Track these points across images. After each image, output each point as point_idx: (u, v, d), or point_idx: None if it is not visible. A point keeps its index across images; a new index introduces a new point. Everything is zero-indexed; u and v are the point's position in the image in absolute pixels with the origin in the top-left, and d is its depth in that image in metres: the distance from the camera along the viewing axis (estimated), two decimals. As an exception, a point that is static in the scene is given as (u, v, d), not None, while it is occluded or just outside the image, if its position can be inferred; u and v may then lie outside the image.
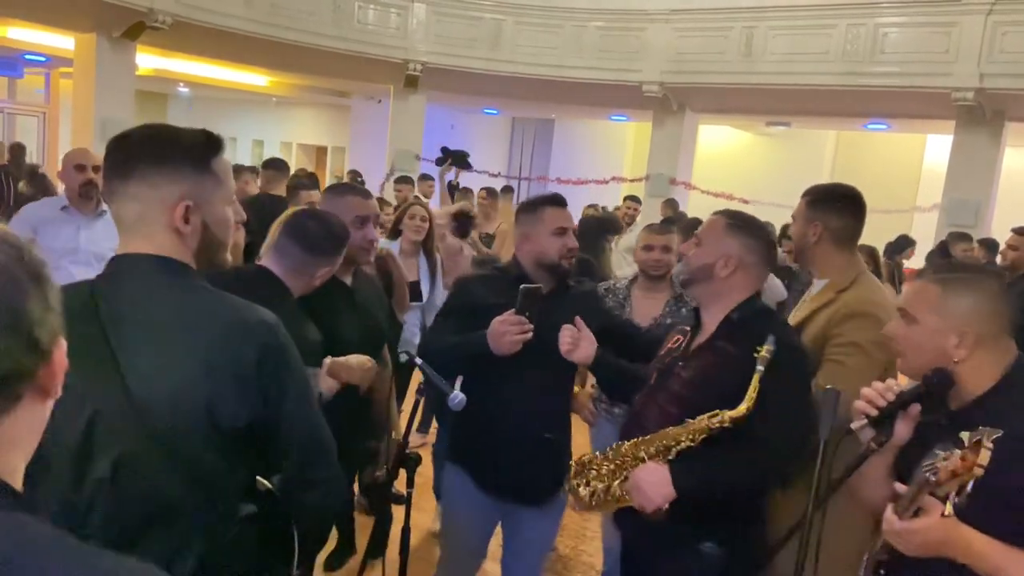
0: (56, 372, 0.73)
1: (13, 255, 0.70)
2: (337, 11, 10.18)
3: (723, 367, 1.95)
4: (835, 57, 9.22)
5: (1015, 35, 8.30)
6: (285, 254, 2.15)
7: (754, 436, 1.83)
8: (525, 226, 2.41)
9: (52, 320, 0.72)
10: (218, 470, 1.30)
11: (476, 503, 2.46)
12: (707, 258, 2.02)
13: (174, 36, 9.11)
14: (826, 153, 14.46)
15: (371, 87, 13.07)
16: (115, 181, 1.34)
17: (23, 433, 0.72)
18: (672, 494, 1.87)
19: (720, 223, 2.07)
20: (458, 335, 2.37)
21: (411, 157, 11.59)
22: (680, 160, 11.36)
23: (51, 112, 13.50)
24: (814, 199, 2.28)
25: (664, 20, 10.28)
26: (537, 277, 2.38)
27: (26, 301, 0.69)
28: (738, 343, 1.93)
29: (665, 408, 2.01)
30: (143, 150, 1.34)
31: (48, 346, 0.71)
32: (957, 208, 9.12)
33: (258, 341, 1.31)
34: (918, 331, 1.56)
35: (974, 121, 9.03)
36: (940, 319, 1.52)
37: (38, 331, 0.70)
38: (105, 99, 9.24)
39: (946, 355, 1.51)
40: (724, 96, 10.52)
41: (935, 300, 1.54)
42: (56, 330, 0.73)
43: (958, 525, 1.35)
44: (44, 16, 9.21)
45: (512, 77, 10.86)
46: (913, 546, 1.39)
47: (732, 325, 1.99)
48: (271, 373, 1.32)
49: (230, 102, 18.15)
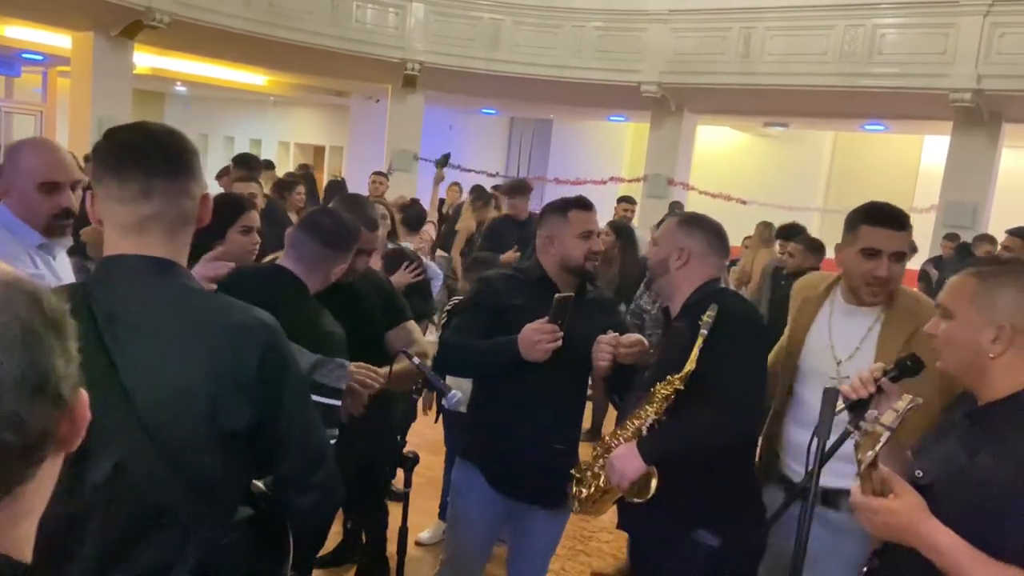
0: (78, 426, 0.68)
1: (32, 306, 0.64)
2: (335, 10, 10.17)
3: (675, 341, 2.10)
4: (833, 58, 9.23)
5: (1012, 36, 8.31)
6: (303, 251, 2.20)
7: (707, 396, 1.96)
8: (550, 228, 2.42)
9: (73, 372, 0.67)
10: (217, 474, 1.29)
11: (487, 500, 2.45)
12: (662, 253, 2.20)
13: (172, 35, 9.10)
14: (824, 154, 14.47)
15: (369, 87, 13.06)
16: (159, 180, 1.31)
17: (42, 498, 0.68)
18: (642, 465, 1.97)
19: (672, 222, 2.28)
20: (479, 334, 2.37)
21: (409, 157, 11.59)
22: (678, 161, 11.36)
23: (48, 111, 13.46)
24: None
25: (662, 21, 10.28)
26: (559, 280, 2.39)
27: (52, 357, 0.64)
28: (689, 319, 2.07)
29: (641, 396, 2.12)
30: (183, 149, 1.34)
31: (71, 400, 0.66)
32: (954, 209, 9.13)
33: (258, 344, 1.30)
34: (954, 326, 1.53)
35: (971, 122, 9.04)
36: (977, 313, 1.49)
37: (63, 387, 0.65)
38: (102, 98, 9.23)
39: (981, 351, 1.47)
40: (722, 97, 10.52)
41: (972, 293, 1.51)
42: (78, 381, 0.68)
43: (928, 519, 1.35)
44: (41, 15, 9.19)
45: (510, 77, 10.86)
46: (874, 525, 1.40)
47: (687, 307, 2.14)
48: (271, 376, 1.31)
49: (228, 101, 18.12)
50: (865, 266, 2.09)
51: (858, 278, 2.11)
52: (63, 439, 0.66)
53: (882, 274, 2.07)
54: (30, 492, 0.65)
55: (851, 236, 2.14)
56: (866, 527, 1.42)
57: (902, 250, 2.11)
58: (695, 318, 2.03)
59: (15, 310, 0.63)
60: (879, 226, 2.09)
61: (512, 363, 2.27)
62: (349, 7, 10.31)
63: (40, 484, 0.66)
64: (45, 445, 0.64)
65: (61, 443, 0.67)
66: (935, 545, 1.34)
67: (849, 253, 2.14)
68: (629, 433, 2.06)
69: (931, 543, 1.34)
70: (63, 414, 0.65)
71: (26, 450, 0.63)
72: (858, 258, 2.10)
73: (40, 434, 0.63)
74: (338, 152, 17.23)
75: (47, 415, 0.63)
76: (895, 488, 1.35)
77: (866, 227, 2.10)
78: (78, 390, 0.68)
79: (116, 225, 1.32)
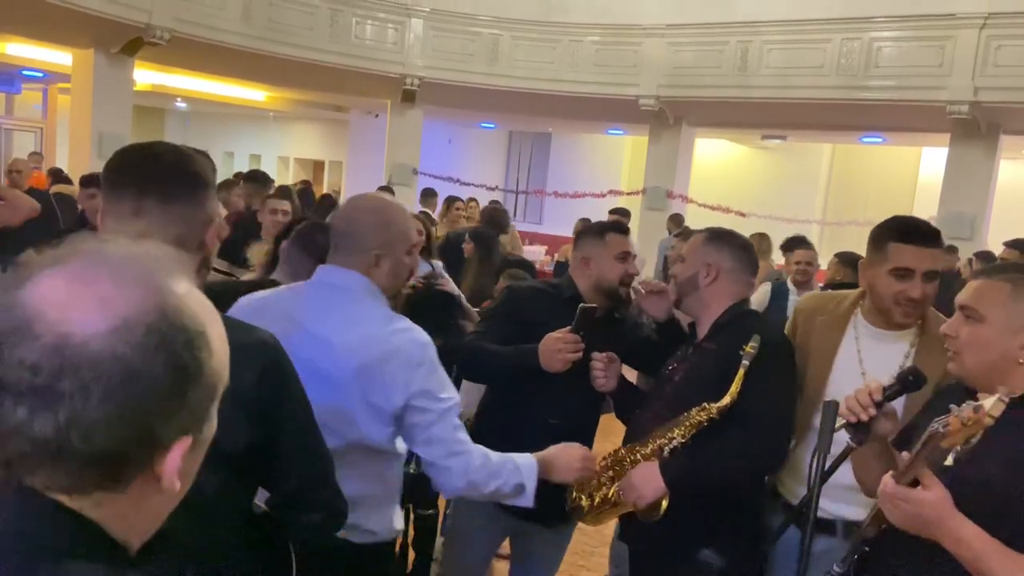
0: (169, 467, 0.68)
1: (149, 342, 0.64)
2: (334, 26, 10.22)
3: (706, 364, 2.04)
4: (830, 71, 9.27)
5: (1009, 49, 8.35)
6: (298, 267, 2.19)
7: (741, 427, 1.91)
8: (587, 249, 2.42)
9: (184, 418, 0.67)
10: (215, 496, 1.28)
11: (488, 516, 2.41)
12: (690, 270, 2.15)
13: (172, 52, 9.14)
14: (822, 166, 14.50)
15: (369, 102, 13.11)
16: (149, 201, 1.28)
17: (131, 512, 0.70)
18: (662, 487, 1.94)
19: (699, 238, 2.22)
20: (501, 343, 2.35)
21: (408, 171, 11.62)
22: (677, 173, 11.38)
23: (48, 128, 13.50)
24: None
25: (660, 35, 10.33)
26: (593, 300, 2.37)
27: (151, 399, 0.64)
28: (721, 342, 2.04)
29: (659, 412, 2.09)
30: (181, 172, 1.32)
31: (167, 441, 0.67)
32: (953, 221, 9.13)
33: (257, 363, 1.29)
34: (984, 330, 1.50)
35: (969, 134, 9.07)
36: (1008, 318, 1.48)
37: (159, 428, 0.66)
38: (102, 114, 9.24)
39: (1011, 355, 1.46)
40: (720, 110, 10.56)
41: (1006, 298, 1.49)
42: (186, 426, 0.68)
43: (956, 513, 1.34)
44: (42, 32, 9.24)
45: (509, 91, 10.90)
46: (901, 515, 1.37)
47: (717, 328, 2.09)
48: (271, 395, 1.30)
49: (227, 117, 18.19)
50: (896, 287, 1.92)
51: (888, 299, 1.95)
52: (156, 474, 0.68)
53: (916, 295, 1.91)
54: (113, 500, 0.68)
55: (879, 255, 1.96)
56: (891, 518, 1.40)
57: (935, 268, 1.95)
58: (728, 341, 1.99)
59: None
60: (910, 243, 1.92)
61: (530, 371, 2.25)
62: (348, 23, 10.36)
63: (130, 500, 0.68)
64: (124, 468, 0.66)
65: (154, 477, 0.68)
66: (962, 538, 1.34)
67: (878, 273, 1.96)
68: (648, 451, 2.01)
69: (957, 536, 1.34)
70: (153, 450, 0.67)
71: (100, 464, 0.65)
72: (888, 278, 1.93)
73: (113, 453, 0.64)
74: (337, 167, 17.28)
75: (125, 441, 0.64)
76: (924, 481, 1.34)
77: (895, 244, 1.93)
78: (181, 436, 0.68)
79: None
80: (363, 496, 1.67)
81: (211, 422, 0.73)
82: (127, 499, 0.68)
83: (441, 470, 1.75)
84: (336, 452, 1.59)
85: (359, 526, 1.68)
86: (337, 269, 1.78)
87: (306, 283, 1.83)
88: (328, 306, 1.74)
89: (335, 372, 1.66)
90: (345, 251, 1.78)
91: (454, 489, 1.82)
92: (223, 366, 0.73)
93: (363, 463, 1.71)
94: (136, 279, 0.66)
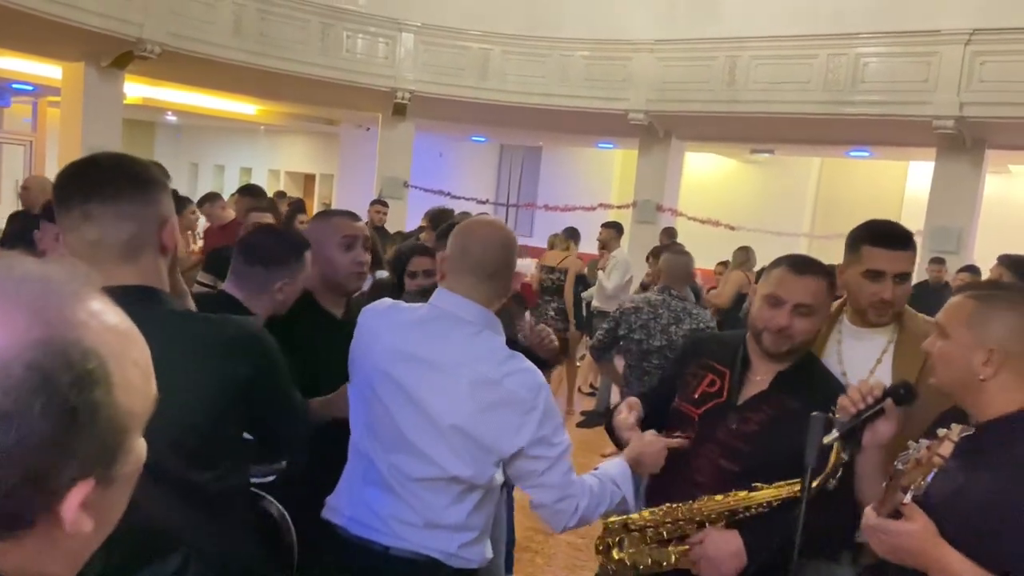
0: (69, 512, 0.60)
1: (26, 384, 0.55)
2: (325, 40, 10.25)
3: (787, 423, 1.84)
4: (816, 86, 9.35)
5: (993, 64, 8.45)
6: (241, 275, 2.08)
7: (828, 499, 1.67)
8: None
9: (77, 464, 0.59)
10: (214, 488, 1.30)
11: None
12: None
13: (162, 65, 9.14)
14: (810, 180, 14.61)
15: (359, 115, 13.14)
16: (94, 204, 1.29)
17: (44, 553, 0.62)
18: (743, 563, 1.80)
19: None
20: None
21: (399, 184, 11.63)
22: (667, 187, 11.44)
23: (38, 141, 13.46)
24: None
25: (648, 50, 10.41)
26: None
27: (27, 447, 0.56)
28: (798, 395, 1.88)
29: (721, 464, 1.90)
30: (122, 173, 1.33)
31: (60, 488, 0.59)
32: (939, 235, 9.21)
33: (252, 353, 1.36)
34: (949, 346, 1.54)
35: (955, 149, 9.16)
36: (971, 335, 1.50)
37: (44, 475, 0.57)
38: (93, 128, 9.23)
39: (973, 372, 1.49)
40: (709, 124, 10.64)
41: (968, 315, 1.52)
42: (85, 470, 0.60)
43: (940, 542, 1.35)
44: (32, 45, 9.23)
45: (499, 105, 10.95)
46: (886, 547, 1.39)
47: (787, 376, 1.93)
48: (264, 386, 1.37)
49: (218, 130, 18.18)
50: (869, 288, 1.98)
51: (863, 300, 2.01)
52: (56, 519, 0.60)
53: (887, 296, 1.96)
54: (9, 548, 0.60)
55: (853, 257, 2.03)
56: (876, 549, 1.42)
57: (906, 270, 1.99)
58: (800, 392, 1.85)
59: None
60: (881, 246, 1.98)
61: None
62: (339, 37, 10.40)
63: (28, 547, 0.61)
64: (19, 522, 0.59)
65: (54, 522, 0.60)
66: (946, 568, 1.35)
67: (852, 274, 2.03)
68: (715, 515, 1.82)
69: (942, 566, 1.35)
70: (48, 499, 0.59)
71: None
72: (861, 280, 2.00)
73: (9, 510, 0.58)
74: (328, 180, 17.27)
75: (18, 492, 0.57)
76: (906, 512, 1.36)
77: (868, 247, 1.99)
78: (77, 482, 0.60)
79: (75, 255, 1.30)
80: (459, 526, 1.69)
81: (129, 455, 0.63)
82: (34, 542, 0.60)
83: (553, 512, 1.73)
84: (433, 481, 1.66)
85: (457, 554, 1.69)
86: (461, 299, 1.73)
87: (428, 308, 1.79)
88: (445, 340, 1.71)
89: (445, 414, 1.66)
90: (474, 276, 1.74)
91: (565, 528, 1.77)
92: (140, 394, 0.64)
93: (462, 495, 1.70)
94: (24, 306, 0.58)
